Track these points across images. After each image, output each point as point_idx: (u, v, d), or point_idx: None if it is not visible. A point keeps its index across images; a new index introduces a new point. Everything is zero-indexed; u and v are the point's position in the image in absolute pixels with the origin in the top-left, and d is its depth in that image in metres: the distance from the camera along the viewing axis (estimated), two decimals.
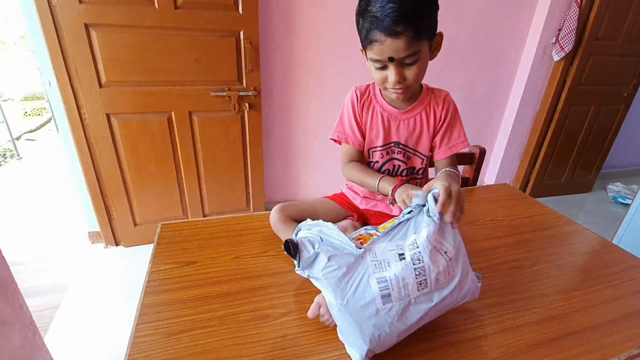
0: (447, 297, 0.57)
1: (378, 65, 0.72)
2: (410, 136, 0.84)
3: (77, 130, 1.61)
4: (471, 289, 0.59)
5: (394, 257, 0.56)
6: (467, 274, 0.59)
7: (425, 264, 0.55)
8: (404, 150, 0.86)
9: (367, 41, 0.70)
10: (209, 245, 0.82)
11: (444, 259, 0.56)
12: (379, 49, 0.68)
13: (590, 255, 0.86)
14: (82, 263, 1.83)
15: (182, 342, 0.58)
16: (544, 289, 0.73)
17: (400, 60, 0.69)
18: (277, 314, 0.64)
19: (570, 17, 2.17)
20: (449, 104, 0.83)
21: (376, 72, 0.74)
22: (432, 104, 0.83)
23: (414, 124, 0.83)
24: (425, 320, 0.58)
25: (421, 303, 0.55)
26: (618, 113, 2.66)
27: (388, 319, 0.54)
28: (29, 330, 1.01)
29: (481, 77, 2.35)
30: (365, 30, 0.69)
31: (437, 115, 0.83)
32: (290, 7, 1.79)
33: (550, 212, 1.04)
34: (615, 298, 0.73)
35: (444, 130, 0.83)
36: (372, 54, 0.70)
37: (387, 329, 0.54)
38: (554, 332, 0.63)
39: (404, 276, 0.54)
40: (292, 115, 2.06)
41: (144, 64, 1.57)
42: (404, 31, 0.64)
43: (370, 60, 0.73)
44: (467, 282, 0.59)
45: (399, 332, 0.55)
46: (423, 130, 0.84)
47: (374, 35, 0.67)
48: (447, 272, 0.57)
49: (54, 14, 1.41)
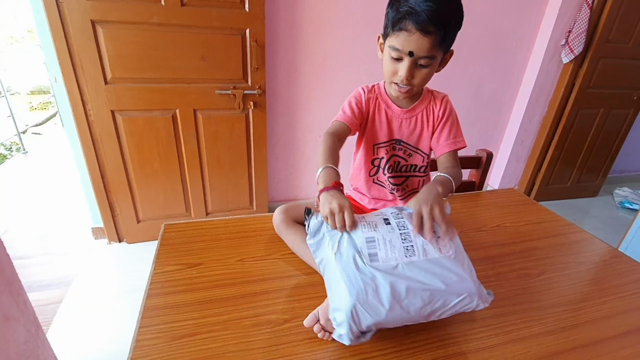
0: (446, 286, 0.56)
1: (395, 55, 0.72)
2: (411, 134, 0.86)
3: (82, 127, 1.61)
4: (479, 293, 0.58)
5: (380, 221, 0.60)
6: (471, 272, 0.59)
7: (409, 230, 0.59)
8: (405, 148, 0.88)
9: (396, 27, 0.69)
10: (212, 247, 0.81)
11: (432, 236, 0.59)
12: (406, 39, 0.68)
13: (600, 265, 0.85)
14: (85, 258, 1.84)
15: (185, 347, 0.57)
16: (552, 299, 0.72)
17: (417, 59, 0.71)
18: (280, 320, 0.63)
19: (581, 18, 2.14)
20: (446, 104, 0.86)
21: (389, 63, 0.75)
22: (432, 104, 0.85)
23: (414, 122, 0.85)
24: (419, 304, 0.54)
25: (411, 275, 0.55)
26: (627, 117, 2.62)
27: (374, 272, 0.55)
28: (32, 326, 1.01)
29: (489, 79, 2.32)
30: (398, 17, 0.68)
31: (435, 115, 0.85)
32: (296, 6, 1.78)
33: (558, 218, 1.02)
34: (626, 310, 0.71)
35: (441, 127, 0.85)
36: (396, 42, 0.70)
37: (374, 287, 0.53)
38: (563, 344, 0.62)
39: (390, 238, 0.57)
40: (296, 114, 2.04)
41: (150, 61, 1.56)
42: (434, 32, 0.67)
43: (389, 48, 0.73)
44: (471, 281, 0.58)
45: (388, 299, 0.53)
46: (423, 129, 0.86)
47: (405, 25, 0.67)
48: (439, 248, 0.58)
49: (61, 11, 1.40)
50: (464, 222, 0.97)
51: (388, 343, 0.61)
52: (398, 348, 0.60)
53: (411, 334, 0.62)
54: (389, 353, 0.59)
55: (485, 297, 0.59)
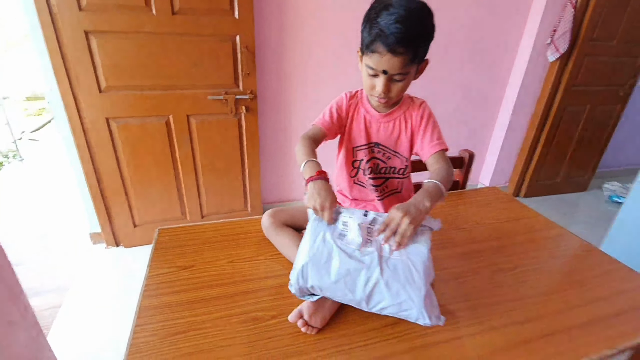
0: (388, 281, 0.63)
1: (371, 72, 0.77)
2: (389, 138, 0.90)
3: (78, 134, 1.65)
4: (425, 309, 0.63)
5: (360, 213, 0.72)
6: (421, 289, 0.63)
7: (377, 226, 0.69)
8: (384, 151, 0.92)
9: (369, 49, 0.74)
10: (204, 249, 0.86)
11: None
12: (378, 60, 0.73)
13: (572, 259, 0.90)
14: (83, 263, 1.88)
15: (178, 343, 0.61)
16: (523, 292, 0.77)
17: (391, 75, 0.76)
18: (267, 317, 0.68)
19: (566, 17, 2.19)
20: (424, 110, 0.89)
21: (367, 78, 0.80)
22: (410, 110, 0.89)
23: (392, 127, 0.89)
24: (361, 291, 0.64)
25: (364, 262, 0.64)
26: (614, 113, 2.67)
27: (333, 246, 0.66)
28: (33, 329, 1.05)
29: (477, 78, 2.37)
30: (370, 39, 0.73)
31: (413, 120, 0.89)
32: (285, 13, 1.82)
33: (537, 215, 1.07)
34: (593, 301, 0.76)
35: (422, 132, 0.88)
36: (370, 62, 0.75)
37: (329, 257, 0.65)
38: (529, 334, 0.67)
39: (360, 228, 0.67)
40: (288, 117, 2.09)
41: (143, 69, 1.60)
42: (403, 52, 0.71)
43: (365, 66, 0.78)
44: (417, 299, 0.63)
45: (336, 272, 0.64)
46: (401, 133, 0.90)
47: (376, 47, 0.72)
48: (403, 253, 0.66)
49: (55, 22, 1.44)
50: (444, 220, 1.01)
51: (371, 334, 0.65)
52: (379, 339, 0.65)
53: (390, 326, 0.67)
54: (371, 344, 0.64)
55: (434, 318, 0.64)
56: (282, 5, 1.80)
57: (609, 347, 0.65)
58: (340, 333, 0.66)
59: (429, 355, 0.62)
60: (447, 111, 2.42)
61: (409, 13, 0.69)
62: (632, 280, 0.82)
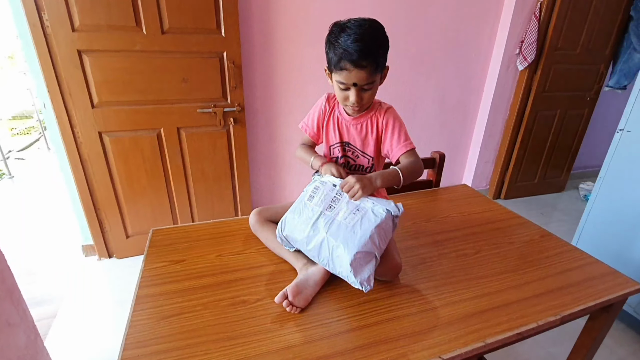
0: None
1: (342, 87, 0.88)
2: (357, 138, 1.00)
3: (71, 148, 1.71)
4: (354, 269, 0.75)
5: (329, 184, 0.87)
6: (361, 245, 0.75)
7: (342, 197, 0.83)
8: (353, 150, 1.01)
9: (337, 67, 0.85)
10: (195, 246, 0.93)
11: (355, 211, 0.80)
12: (347, 75, 0.84)
13: (529, 244, 0.99)
14: (76, 276, 1.91)
15: (172, 324, 0.69)
16: (482, 272, 0.86)
17: (361, 86, 0.86)
18: (252, 300, 0.75)
19: (531, 29, 2.36)
20: (389, 115, 0.97)
21: (340, 92, 0.90)
22: (377, 114, 0.98)
23: (360, 128, 0.99)
24: (318, 246, 0.79)
25: (326, 221, 0.80)
26: (583, 117, 2.84)
27: (303, 210, 0.84)
28: (32, 333, 1.10)
29: (453, 88, 2.52)
30: (336, 59, 0.84)
31: (379, 123, 0.98)
32: (270, 29, 1.94)
33: (500, 208, 1.17)
34: (543, 277, 0.86)
35: (390, 135, 0.97)
36: (340, 78, 0.86)
37: (301, 212, 0.84)
38: (485, 305, 0.75)
39: (327, 194, 0.84)
40: (276, 128, 2.19)
41: (134, 85, 1.69)
42: (367, 65, 0.82)
43: (336, 82, 0.89)
44: (349, 255, 0.74)
45: (304, 223, 0.81)
46: (368, 134, 0.99)
47: (343, 65, 0.83)
48: (355, 220, 0.79)
49: (49, 42, 1.53)
50: (416, 215, 1.11)
51: (347, 311, 0.74)
52: (354, 314, 0.73)
53: (364, 303, 0.76)
54: (345, 318, 0.72)
55: (363, 282, 0.74)
56: (268, 22, 1.92)
57: (553, 314, 0.74)
58: (319, 310, 0.74)
59: (398, 325, 0.70)
60: (427, 118, 2.55)
61: (364, 31, 0.81)
62: (579, 259, 0.92)
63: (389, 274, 0.80)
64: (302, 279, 0.77)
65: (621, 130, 1.61)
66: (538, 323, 0.71)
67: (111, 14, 1.54)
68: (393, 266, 0.79)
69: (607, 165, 1.69)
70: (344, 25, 0.83)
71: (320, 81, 2.15)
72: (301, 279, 0.77)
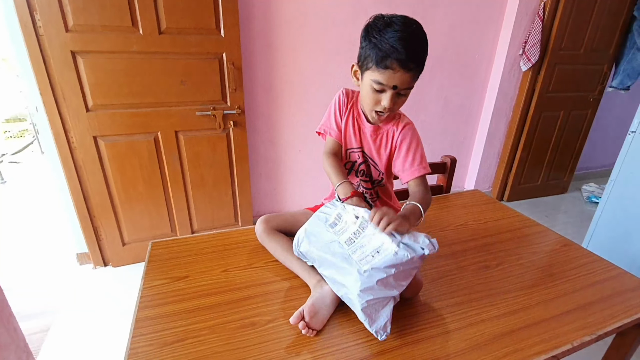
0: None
1: (378, 87, 0.78)
2: (371, 149, 0.92)
3: (65, 153, 1.64)
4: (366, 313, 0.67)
5: (352, 214, 0.77)
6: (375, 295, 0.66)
7: (365, 234, 0.71)
8: (366, 158, 0.94)
9: (380, 65, 0.75)
10: (198, 260, 0.87)
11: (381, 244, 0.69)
12: (390, 76, 0.75)
13: (551, 254, 0.94)
14: (71, 285, 1.83)
15: (175, 352, 0.62)
16: (507, 287, 0.80)
17: (400, 90, 0.78)
18: (263, 321, 0.69)
19: (535, 29, 2.33)
20: (407, 131, 0.89)
21: (371, 94, 0.81)
22: (394, 127, 0.90)
23: (375, 138, 0.91)
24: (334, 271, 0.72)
25: (340, 251, 0.72)
26: (586, 117, 2.81)
27: (323, 232, 0.76)
28: (23, 353, 1.03)
29: (456, 90, 2.47)
30: (381, 55, 0.75)
31: (395, 138, 0.90)
32: (270, 30, 1.88)
33: (517, 215, 1.12)
34: (572, 291, 0.80)
35: (404, 154, 0.89)
36: (380, 78, 0.77)
37: (317, 237, 0.77)
38: (513, 325, 0.70)
39: (349, 225, 0.75)
40: (276, 131, 2.12)
41: (130, 87, 1.62)
42: (413, 68, 0.75)
43: (372, 81, 0.78)
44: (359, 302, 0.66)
45: (318, 251, 0.75)
46: (381, 146, 0.91)
47: (390, 63, 0.74)
48: (368, 262, 0.68)
49: (41, 43, 1.46)
50: (431, 224, 1.05)
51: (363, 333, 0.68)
52: (367, 337, 0.67)
53: None
54: (361, 343, 0.66)
55: (379, 331, 0.65)
56: (269, 22, 1.86)
57: (588, 333, 0.69)
58: (335, 333, 0.68)
59: (420, 349, 0.64)
60: (430, 121, 2.50)
61: (412, 31, 0.75)
62: (607, 271, 0.87)
63: (410, 291, 0.74)
64: (318, 297, 0.71)
65: (633, 132, 1.57)
66: (573, 344, 0.66)
67: (106, 13, 1.48)
68: (414, 284, 0.74)
69: (618, 168, 1.65)
70: (389, 20, 0.75)
71: (324, 83, 2.09)
72: (317, 297, 0.71)
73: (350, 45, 2.01)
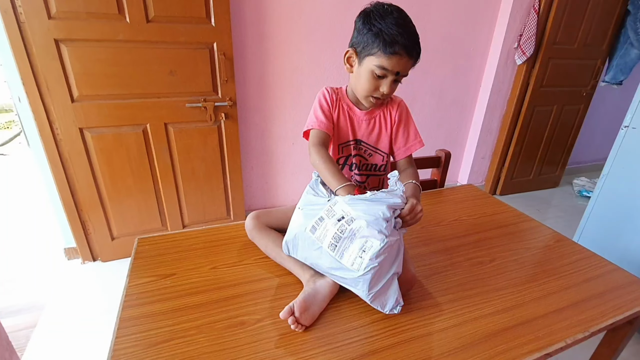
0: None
1: (380, 73, 0.79)
2: (370, 135, 0.92)
3: (50, 146, 1.59)
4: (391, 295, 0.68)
5: (335, 219, 0.70)
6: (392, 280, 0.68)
7: (344, 236, 0.67)
8: (366, 148, 0.93)
9: (387, 51, 0.75)
10: (186, 257, 0.85)
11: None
12: (397, 61, 0.76)
13: (545, 250, 0.94)
14: (58, 280, 1.80)
15: (161, 353, 0.60)
16: (500, 283, 0.80)
17: (399, 76, 0.80)
18: (252, 320, 0.67)
19: (530, 23, 2.31)
20: (402, 108, 0.93)
21: (372, 80, 0.81)
22: (389, 107, 0.92)
23: (373, 124, 0.91)
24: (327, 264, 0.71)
25: (324, 258, 0.70)
26: (579, 112, 2.82)
27: (305, 239, 0.73)
28: (5, 351, 1.00)
29: (450, 83, 2.45)
30: (388, 41, 0.74)
31: (392, 117, 0.92)
32: (263, 19, 1.83)
33: (511, 210, 1.12)
34: (566, 288, 0.80)
35: (401, 131, 0.92)
36: (386, 63, 0.77)
37: (302, 242, 0.74)
38: (507, 322, 0.69)
39: (328, 228, 0.69)
40: (269, 123, 2.09)
41: (118, 77, 1.57)
42: (416, 55, 0.78)
43: (375, 67, 0.78)
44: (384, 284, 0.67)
45: (307, 256, 0.74)
46: (382, 130, 0.92)
47: (398, 50, 0.75)
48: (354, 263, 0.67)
49: (23, 30, 1.40)
50: (424, 218, 1.04)
51: (356, 332, 0.66)
52: (365, 335, 0.66)
53: (375, 322, 0.68)
54: (354, 341, 0.64)
55: (393, 310, 0.68)
56: (261, 11, 1.82)
57: (581, 330, 0.68)
58: (327, 332, 0.66)
59: (412, 348, 0.63)
60: (424, 114, 2.48)
61: (409, 20, 0.77)
62: (600, 267, 0.87)
63: (403, 287, 0.73)
64: (310, 293, 0.69)
65: (626, 126, 1.57)
66: (566, 341, 0.65)
67: (91, 0, 1.42)
68: (407, 279, 0.72)
69: (610, 162, 1.65)
70: (389, 9, 0.77)
71: (318, 77, 2.06)
72: (309, 292, 0.69)
73: (343, 36, 1.97)
